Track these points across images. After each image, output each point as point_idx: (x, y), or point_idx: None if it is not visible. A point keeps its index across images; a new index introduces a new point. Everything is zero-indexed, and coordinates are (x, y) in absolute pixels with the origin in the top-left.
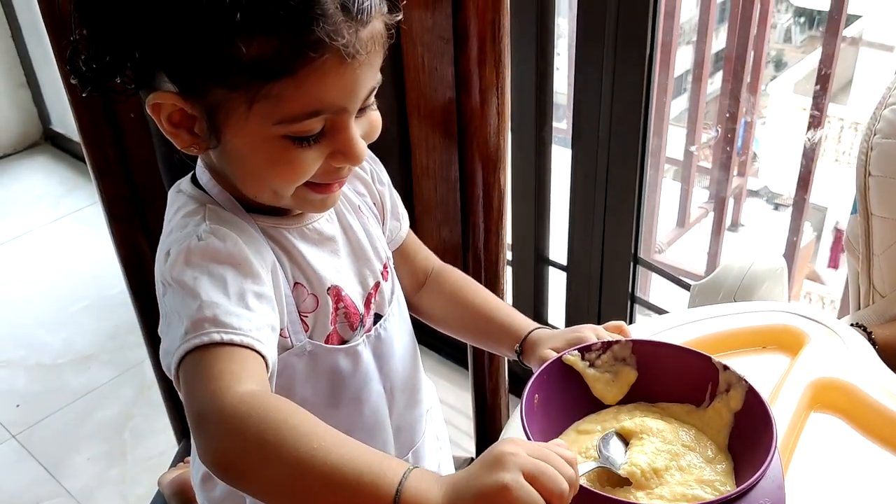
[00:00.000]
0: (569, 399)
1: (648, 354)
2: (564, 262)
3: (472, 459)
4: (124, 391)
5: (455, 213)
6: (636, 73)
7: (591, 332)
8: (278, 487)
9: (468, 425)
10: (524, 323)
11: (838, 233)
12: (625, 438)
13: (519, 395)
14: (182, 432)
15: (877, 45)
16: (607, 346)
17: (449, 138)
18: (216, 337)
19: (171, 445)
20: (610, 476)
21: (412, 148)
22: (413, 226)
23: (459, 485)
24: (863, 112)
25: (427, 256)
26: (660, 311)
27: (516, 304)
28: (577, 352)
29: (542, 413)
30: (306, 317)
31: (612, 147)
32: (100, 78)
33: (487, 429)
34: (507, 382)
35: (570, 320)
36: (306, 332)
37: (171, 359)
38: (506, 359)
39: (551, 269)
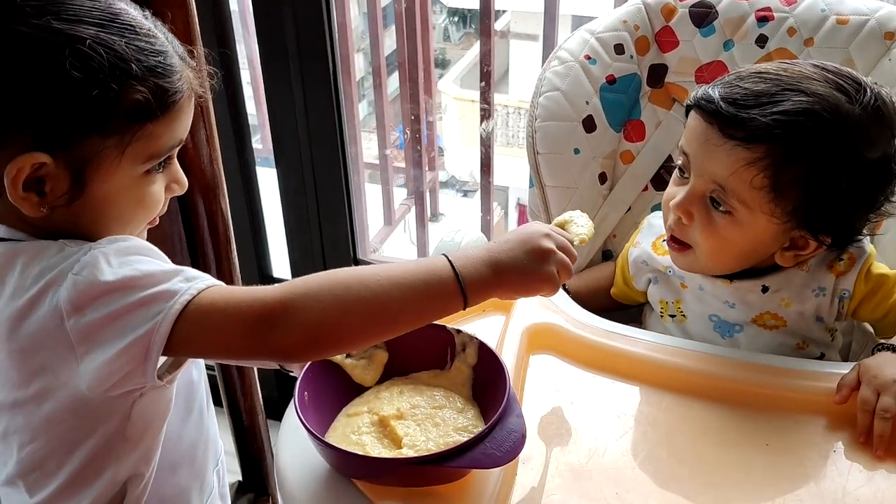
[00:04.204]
0: (334, 389)
1: None
2: (289, 277)
3: (240, 482)
4: None
5: (182, 247)
6: (324, 85)
7: None
8: (369, 321)
9: (229, 445)
10: None
11: (521, 207)
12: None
13: (274, 417)
14: None
15: (523, 36)
16: None
17: None
18: (202, 285)
19: None
20: (389, 440)
21: None
22: None
23: (502, 263)
24: (522, 97)
25: None
26: None
27: None
28: None
29: (314, 407)
30: None
31: (315, 159)
32: None
33: (251, 447)
34: (261, 400)
35: None
36: None
37: (169, 311)
38: (257, 376)
39: None
